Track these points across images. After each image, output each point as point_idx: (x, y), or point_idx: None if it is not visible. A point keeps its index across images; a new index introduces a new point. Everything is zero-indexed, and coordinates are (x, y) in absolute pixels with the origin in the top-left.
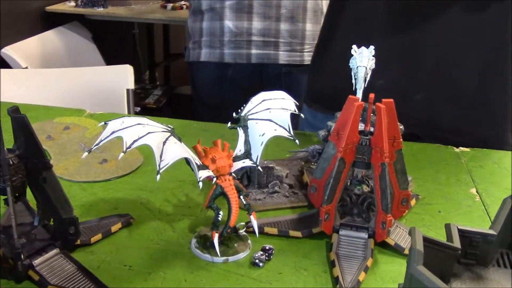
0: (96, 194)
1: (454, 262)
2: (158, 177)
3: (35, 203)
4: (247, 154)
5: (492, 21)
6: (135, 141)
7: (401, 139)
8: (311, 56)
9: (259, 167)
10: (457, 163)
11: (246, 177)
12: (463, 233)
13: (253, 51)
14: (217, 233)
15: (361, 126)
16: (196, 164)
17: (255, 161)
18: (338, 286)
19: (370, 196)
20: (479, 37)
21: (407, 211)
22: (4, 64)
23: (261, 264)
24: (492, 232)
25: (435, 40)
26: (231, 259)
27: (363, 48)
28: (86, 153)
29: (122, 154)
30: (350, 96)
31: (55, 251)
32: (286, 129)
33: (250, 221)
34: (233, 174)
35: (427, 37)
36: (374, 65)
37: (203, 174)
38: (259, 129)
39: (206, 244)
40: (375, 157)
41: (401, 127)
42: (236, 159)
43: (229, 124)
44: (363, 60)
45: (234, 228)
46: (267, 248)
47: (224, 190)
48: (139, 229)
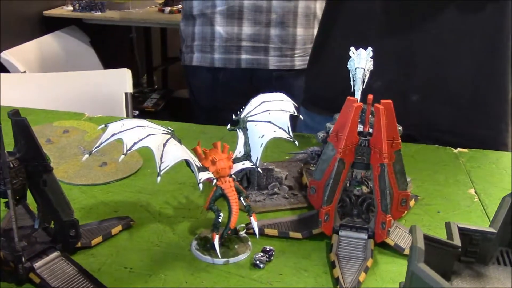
0: (96, 197)
1: (454, 260)
2: (159, 179)
3: (35, 206)
4: (247, 156)
5: (488, 22)
6: (135, 143)
7: (400, 140)
8: (302, 61)
9: (259, 169)
10: (455, 163)
11: (246, 179)
12: (463, 231)
13: (243, 56)
14: (217, 234)
15: (360, 127)
16: (196, 166)
17: (254, 162)
18: (338, 286)
19: (369, 197)
20: (476, 38)
21: (406, 211)
22: (2, 68)
23: (261, 265)
24: (491, 230)
25: (432, 41)
26: (232, 260)
27: (361, 49)
28: (86, 155)
29: (122, 156)
30: (349, 98)
31: (55, 253)
32: (285, 131)
33: (250, 223)
34: (233, 175)
35: (424, 38)
36: (372, 66)
37: (203, 176)
38: (258, 131)
39: (206, 245)
40: (374, 158)
41: (400, 128)
42: (236, 160)
43: (228, 126)
44: (361, 62)
45: (234, 229)
46: (267, 249)
47: (224, 192)
48: (139, 232)
